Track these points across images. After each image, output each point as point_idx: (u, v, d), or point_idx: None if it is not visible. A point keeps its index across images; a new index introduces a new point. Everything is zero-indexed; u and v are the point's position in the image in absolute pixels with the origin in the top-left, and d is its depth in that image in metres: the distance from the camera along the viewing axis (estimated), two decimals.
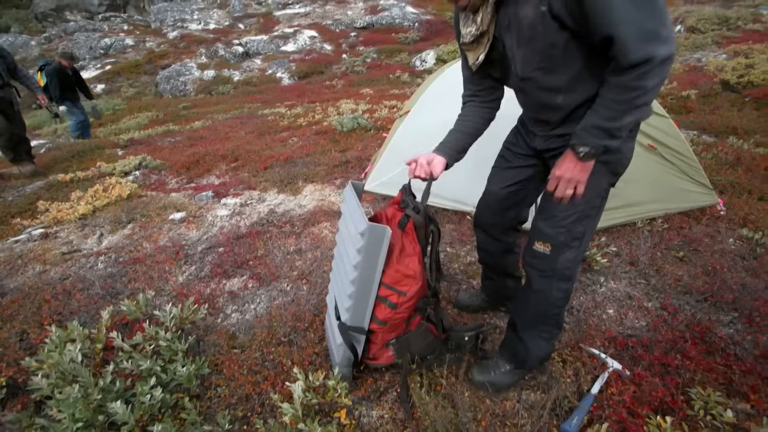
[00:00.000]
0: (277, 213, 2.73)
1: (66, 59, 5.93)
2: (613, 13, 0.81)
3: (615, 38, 0.83)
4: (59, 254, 2.39)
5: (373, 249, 1.09)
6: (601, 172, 1.08)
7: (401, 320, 1.23)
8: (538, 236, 1.18)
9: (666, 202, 2.34)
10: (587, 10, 0.84)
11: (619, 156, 1.07)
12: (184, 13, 18.44)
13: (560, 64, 0.97)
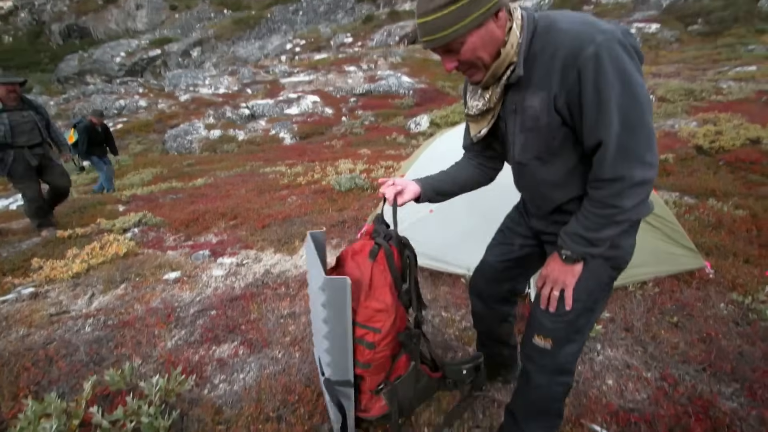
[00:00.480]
0: (272, 274, 2.74)
1: (96, 116, 6.61)
2: (605, 124, 0.85)
3: (600, 148, 0.88)
4: (46, 316, 2.34)
5: (337, 302, 1.05)
6: (602, 267, 1.05)
7: (384, 358, 1.16)
8: (537, 329, 1.12)
9: (655, 266, 2.39)
10: (585, 114, 0.88)
11: (620, 252, 1.05)
12: (197, 79, 19.97)
13: (556, 158, 0.99)
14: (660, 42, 17.33)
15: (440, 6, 0.85)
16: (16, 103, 3.70)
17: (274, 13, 40.28)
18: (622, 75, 0.82)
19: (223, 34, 37.29)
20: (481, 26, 0.87)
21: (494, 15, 0.88)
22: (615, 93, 0.82)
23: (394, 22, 28.78)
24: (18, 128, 3.68)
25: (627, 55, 0.83)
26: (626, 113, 0.84)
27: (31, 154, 3.78)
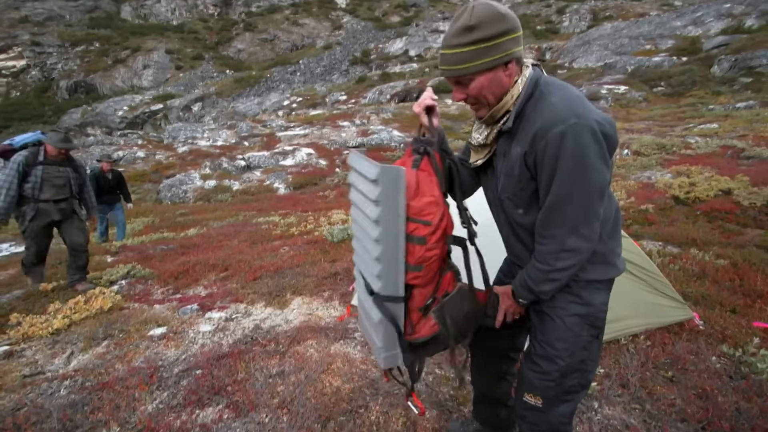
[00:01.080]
0: (262, 329, 2.67)
1: (105, 160, 6.41)
2: (551, 190, 0.99)
3: (544, 207, 1.01)
4: (19, 377, 2.21)
5: (391, 194, 1.01)
6: (578, 325, 1.10)
7: (435, 259, 1.09)
8: (527, 387, 1.14)
9: (644, 318, 2.42)
10: (540, 177, 1.01)
11: (592, 309, 1.11)
12: (195, 132, 20.73)
13: (526, 206, 1.10)
14: (630, 101, 18.88)
15: (460, 44, 0.98)
16: (58, 157, 3.59)
17: (273, 74, 43.20)
18: (578, 157, 0.94)
19: (224, 91, 39.52)
20: (491, 71, 1.00)
21: (504, 65, 1.00)
22: (567, 169, 0.95)
23: (385, 83, 31.01)
24: (48, 182, 3.52)
25: (593, 141, 0.95)
26: (570, 188, 0.96)
27: (55, 209, 3.60)
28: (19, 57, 46.76)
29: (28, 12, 52.44)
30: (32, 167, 3.45)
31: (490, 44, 0.97)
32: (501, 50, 0.98)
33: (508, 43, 0.98)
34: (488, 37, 0.96)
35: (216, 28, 57.02)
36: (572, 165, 0.94)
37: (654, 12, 36.81)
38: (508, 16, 0.97)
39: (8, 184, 3.37)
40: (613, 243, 1.15)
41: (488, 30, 0.95)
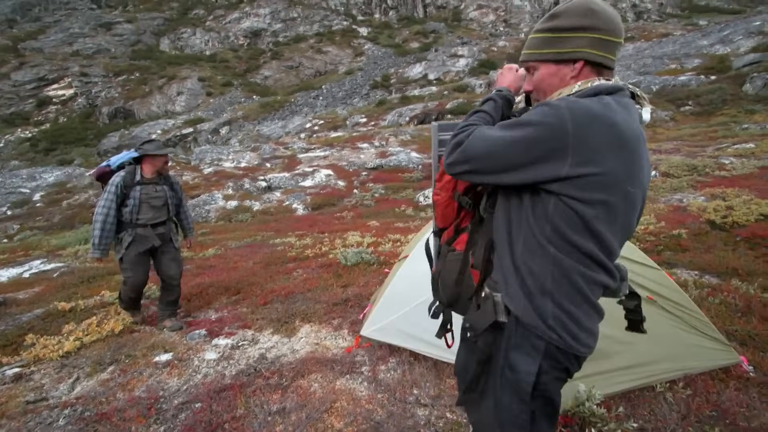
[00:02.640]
0: (266, 360, 2.58)
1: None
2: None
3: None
4: (22, 404, 2.19)
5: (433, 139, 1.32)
6: (505, 396, 0.95)
7: (440, 205, 1.23)
8: None
9: (682, 361, 2.17)
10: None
11: (517, 376, 0.94)
12: (221, 154, 21.60)
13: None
14: (656, 121, 18.30)
15: (539, 29, 0.97)
16: (154, 176, 3.24)
17: (297, 98, 45.00)
18: (539, 112, 0.89)
19: (250, 115, 41.37)
20: (556, 64, 0.94)
21: (572, 62, 0.93)
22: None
23: (404, 105, 31.59)
24: (146, 204, 3.17)
25: (543, 116, 0.89)
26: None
27: (153, 233, 3.21)
28: (69, 86, 50.97)
29: (79, 47, 57.55)
30: (130, 188, 3.12)
31: (563, 35, 0.91)
32: (572, 45, 0.91)
33: (582, 41, 0.90)
34: (564, 27, 0.91)
35: (245, 57, 60.48)
36: (518, 119, 0.90)
37: (678, 32, 36.28)
38: (598, 14, 0.89)
39: (106, 211, 3.00)
40: (558, 298, 0.91)
41: (568, 20, 0.90)
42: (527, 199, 0.92)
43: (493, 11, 65.83)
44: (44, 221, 14.51)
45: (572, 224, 0.88)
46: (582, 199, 0.85)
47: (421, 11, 72.54)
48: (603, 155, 0.82)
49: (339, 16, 70.27)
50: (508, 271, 0.96)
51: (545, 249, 0.90)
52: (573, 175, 0.83)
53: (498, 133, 0.89)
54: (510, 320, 0.95)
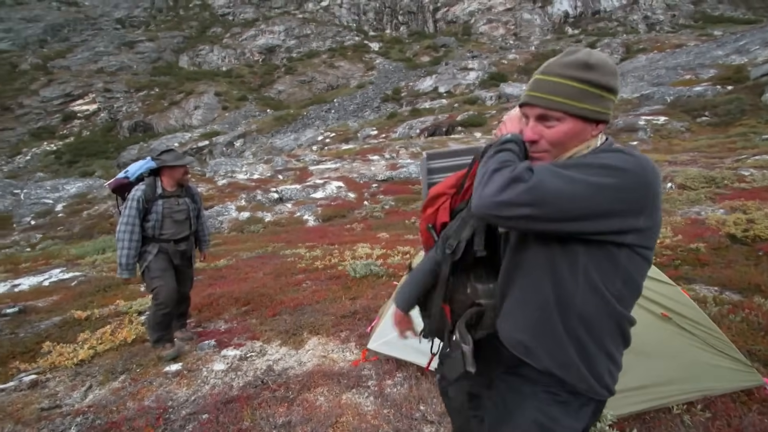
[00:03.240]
0: (274, 372, 2.58)
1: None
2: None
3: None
4: (37, 410, 2.25)
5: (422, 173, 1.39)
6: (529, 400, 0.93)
7: (421, 231, 1.26)
8: None
9: (699, 382, 2.08)
10: None
11: (556, 426, 0.91)
12: (235, 166, 22.08)
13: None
14: (671, 132, 17.99)
15: (571, 77, 0.86)
16: (175, 188, 3.01)
17: (309, 112, 45.92)
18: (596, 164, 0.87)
19: (264, 128, 42.33)
20: (585, 120, 0.88)
21: (596, 122, 0.89)
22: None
23: (415, 118, 31.88)
24: (169, 218, 2.94)
25: (624, 169, 0.85)
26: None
27: (175, 250, 2.99)
28: (93, 102, 53.25)
29: (103, 64, 60.30)
30: (152, 203, 2.87)
31: (599, 92, 0.86)
32: (604, 105, 0.87)
33: (610, 103, 0.88)
34: (602, 84, 0.86)
35: (260, 72, 62.30)
36: (593, 161, 0.83)
37: (692, 42, 35.91)
38: (618, 77, 0.89)
39: (130, 228, 2.77)
40: (611, 349, 0.90)
41: (605, 78, 0.86)
42: (582, 251, 0.85)
43: (502, 25, 66.50)
44: (65, 231, 14.99)
45: (643, 275, 0.89)
46: (650, 248, 0.87)
47: (432, 26, 73.80)
48: (659, 206, 0.85)
49: (351, 32, 72.02)
50: (553, 330, 0.89)
51: (609, 305, 0.86)
52: (647, 227, 0.83)
53: (578, 175, 0.79)
54: (543, 377, 0.92)
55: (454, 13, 71.43)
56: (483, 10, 68.51)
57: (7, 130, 48.39)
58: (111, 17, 76.69)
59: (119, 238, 2.76)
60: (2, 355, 3.19)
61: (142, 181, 2.92)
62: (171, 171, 2.98)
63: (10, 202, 19.02)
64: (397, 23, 76.21)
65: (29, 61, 58.95)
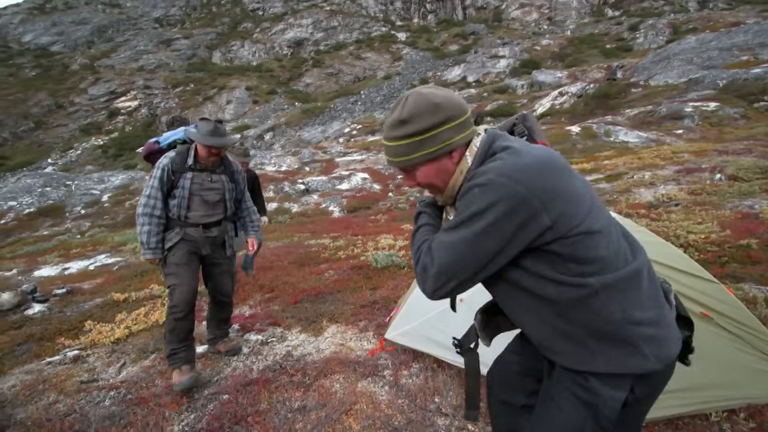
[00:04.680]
0: (292, 357, 2.64)
1: (239, 157, 4.07)
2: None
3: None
4: (77, 383, 2.42)
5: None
6: (579, 414, 0.91)
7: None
8: None
9: (742, 388, 1.90)
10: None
11: (599, 400, 0.89)
12: (264, 159, 22.68)
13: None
14: (722, 119, 16.51)
15: (396, 137, 0.94)
16: (211, 162, 2.47)
17: (336, 104, 46.20)
18: (473, 210, 0.85)
19: (292, 121, 43.10)
20: (434, 161, 0.93)
21: (448, 154, 0.93)
22: (459, 210, 0.88)
23: None
24: (198, 197, 2.43)
25: (504, 206, 0.82)
26: (451, 227, 0.90)
27: (203, 237, 2.46)
28: (134, 99, 56.39)
29: (144, 62, 63.53)
30: (179, 175, 2.39)
31: (426, 136, 0.91)
32: (440, 141, 0.91)
33: (448, 133, 0.91)
34: (422, 129, 0.90)
35: (288, 66, 63.26)
36: (464, 211, 0.85)
37: (751, 20, 32.61)
38: (443, 105, 0.90)
39: (152, 202, 2.33)
40: (637, 316, 0.86)
41: (421, 123, 0.90)
42: (527, 264, 0.89)
43: (536, 9, 63.40)
44: (110, 220, 16.09)
45: (594, 240, 0.87)
46: (578, 224, 0.85)
47: (461, 13, 71.66)
48: (557, 188, 0.83)
49: (378, 22, 71.35)
50: (554, 331, 0.92)
51: (581, 285, 0.87)
52: (557, 218, 0.82)
53: (460, 234, 0.85)
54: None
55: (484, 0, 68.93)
56: None
57: (61, 127, 52.36)
58: (150, 17, 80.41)
59: (139, 213, 2.33)
60: (51, 332, 3.47)
61: (174, 148, 2.46)
62: (200, 146, 2.45)
63: (63, 193, 20.63)
64: (424, 12, 74.60)
65: (78, 62, 63.18)
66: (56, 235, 14.64)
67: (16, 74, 59.66)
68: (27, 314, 4.12)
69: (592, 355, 0.88)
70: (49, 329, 3.52)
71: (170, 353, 2.32)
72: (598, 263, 0.85)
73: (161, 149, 2.53)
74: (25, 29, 71.84)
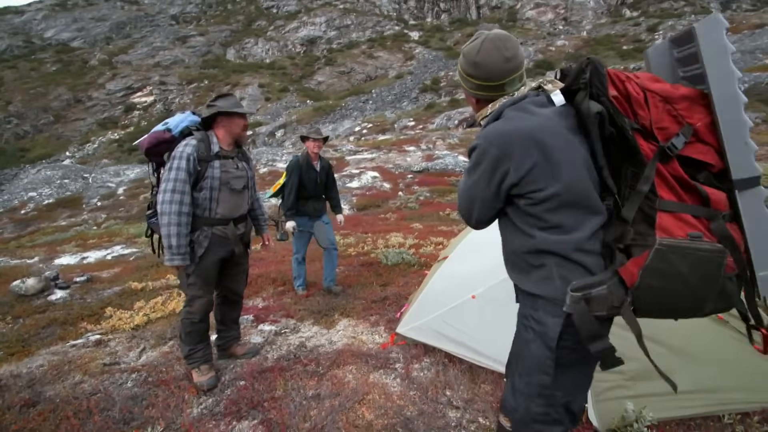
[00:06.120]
0: (306, 348, 2.70)
1: (313, 136, 3.62)
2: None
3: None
4: (100, 365, 2.52)
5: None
6: (535, 343, 1.04)
7: None
8: (502, 405, 1.16)
9: (758, 392, 1.89)
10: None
11: (544, 329, 1.03)
12: (275, 155, 22.91)
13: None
14: None
15: (458, 64, 1.23)
16: (231, 148, 2.25)
17: (347, 102, 46.35)
18: (470, 164, 1.09)
19: (303, 118, 43.39)
20: (466, 93, 1.22)
21: (473, 98, 1.20)
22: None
23: (453, 109, 31.14)
24: (226, 186, 2.17)
25: (483, 159, 1.03)
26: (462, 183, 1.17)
27: (236, 236, 2.26)
28: (150, 94, 57.46)
29: (160, 59, 64.66)
30: (206, 164, 2.09)
31: (463, 75, 1.16)
32: (467, 84, 1.16)
33: (472, 84, 1.14)
34: (462, 70, 1.16)
35: (301, 63, 63.69)
36: (468, 167, 1.11)
37: None
38: (479, 65, 1.09)
39: (179, 198, 2.00)
40: (565, 236, 1.00)
41: (464, 65, 1.14)
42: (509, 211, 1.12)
43: (551, 9, 62.59)
44: (125, 212, 16.47)
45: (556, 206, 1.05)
46: (544, 188, 1.02)
47: (475, 13, 71.15)
48: (521, 156, 0.99)
49: (391, 21, 71.30)
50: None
51: (530, 236, 1.09)
52: (522, 176, 0.99)
53: (462, 182, 1.15)
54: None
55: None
56: None
57: (79, 121, 53.64)
58: (167, 14, 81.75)
59: (164, 210, 1.98)
60: (74, 317, 3.59)
61: (187, 136, 2.12)
62: (229, 121, 2.19)
63: (81, 185, 21.18)
64: (438, 11, 74.27)
65: (97, 57, 64.60)
66: (73, 225, 15.05)
67: (37, 69, 61.31)
68: (50, 299, 4.27)
69: (525, 275, 1.12)
70: (72, 314, 3.65)
71: (188, 354, 2.22)
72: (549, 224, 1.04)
73: (174, 138, 2.11)
74: (47, 25, 73.74)
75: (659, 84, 0.95)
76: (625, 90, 0.93)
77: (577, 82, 0.97)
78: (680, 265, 0.85)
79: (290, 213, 3.73)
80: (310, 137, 3.67)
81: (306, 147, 3.74)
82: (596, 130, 0.93)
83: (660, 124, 0.92)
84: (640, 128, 0.93)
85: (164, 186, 2.01)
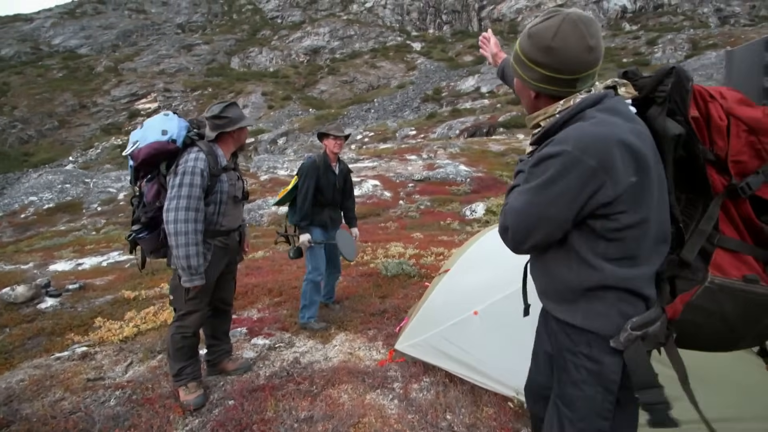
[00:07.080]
0: (300, 364, 2.58)
1: (334, 134, 3.14)
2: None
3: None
4: (84, 380, 2.40)
5: None
6: (589, 384, 0.90)
7: None
8: None
9: None
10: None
11: (601, 368, 0.88)
12: (277, 162, 22.93)
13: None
14: None
15: (519, 40, 1.02)
16: (230, 160, 2.22)
17: (349, 111, 46.70)
18: (547, 176, 0.86)
19: (305, 127, 43.65)
20: (521, 81, 1.02)
21: (534, 90, 0.98)
22: (532, 180, 0.90)
23: (455, 118, 31.29)
24: (231, 200, 2.16)
25: (574, 175, 0.82)
26: (524, 196, 0.93)
27: (236, 245, 2.27)
28: (154, 101, 57.95)
29: (165, 66, 65.44)
30: (216, 179, 2.07)
31: (524, 60, 0.94)
32: (528, 73, 0.94)
33: (536, 74, 0.93)
34: (526, 54, 0.93)
35: (304, 73, 64.35)
36: (538, 179, 0.87)
37: None
38: (553, 52, 0.87)
39: (193, 216, 1.95)
40: (635, 270, 0.84)
41: (530, 49, 0.92)
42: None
43: None
44: (125, 217, 16.38)
45: (635, 235, 0.89)
46: (627, 210, 0.87)
47: (476, 25, 72.12)
48: (623, 169, 0.81)
49: (394, 32, 72.26)
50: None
51: (593, 267, 0.95)
52: (616, 196, 0.83)
53: (529, 197, 0.90)
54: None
55: (500, 11, 69.34)
56: (531, 6, 65.83)
57: (83, 126, 54.04)
58: (173, 23, 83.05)
59: (179, 231, 1.89)
60: (62, 327, 3.48)
61: (188, 146, 2.05)
62: (239, 133, 2.18)
63: (82, 190, 21.16)
64: (440, 22, 75.34)
65: (103, 64, 65.42)
66: (72, 230, 14.96)
67: (44, 75, 62.06)
68: (39, 308, 4.16)
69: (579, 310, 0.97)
70: (60, 324, 3.54)
71: (178, 371, 2.10)
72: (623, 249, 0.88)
73: (178, 149, 2.02)
74: (56, 32, 74.90)
75: (748, 110, 0.82)
76: (707, 112, 0.82)
77: (654, 92, 0.85)
78: (726, 305, 0.77)
79: (305, 224, 3.07)
80: (330, 134, 3.12)
81: (324, 146, 3.17)
82: (671, 155, 0.81)
83: (738, 157, 0.80)
84: (714, 159, 0.81)
85: (177, 203, 1.92)
